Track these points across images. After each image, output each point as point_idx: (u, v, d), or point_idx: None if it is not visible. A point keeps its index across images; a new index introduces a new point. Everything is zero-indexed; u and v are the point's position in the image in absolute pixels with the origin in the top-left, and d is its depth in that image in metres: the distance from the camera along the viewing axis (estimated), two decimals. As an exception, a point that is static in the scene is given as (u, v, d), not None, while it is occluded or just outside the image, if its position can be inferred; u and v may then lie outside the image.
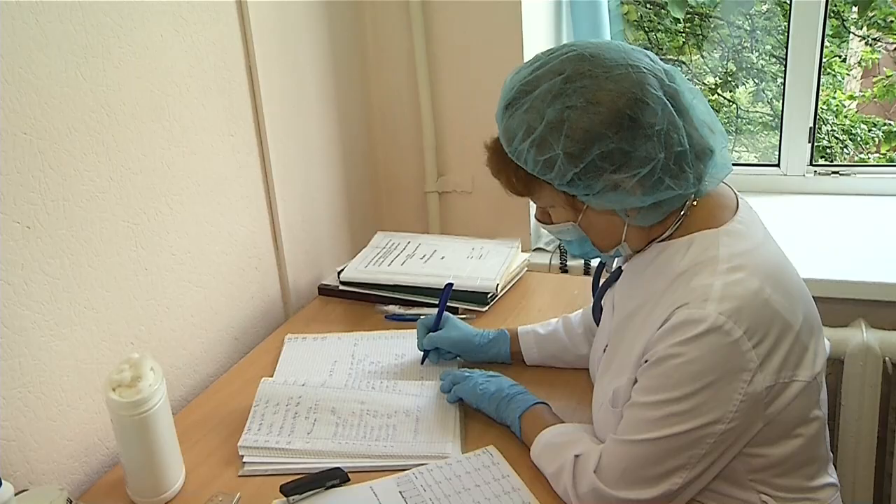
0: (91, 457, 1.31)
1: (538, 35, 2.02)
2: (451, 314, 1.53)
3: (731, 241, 1.08)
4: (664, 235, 1.12)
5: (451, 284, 1.54)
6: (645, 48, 1.11)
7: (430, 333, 1.48)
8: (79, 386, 1.27)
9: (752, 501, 1.10)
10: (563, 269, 2.02)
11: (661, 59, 1.10)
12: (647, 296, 1.12)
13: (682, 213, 1.11)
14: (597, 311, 1.31)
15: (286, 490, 1.16)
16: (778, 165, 2.19)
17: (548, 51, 1.10)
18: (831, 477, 1.16)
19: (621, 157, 1.02)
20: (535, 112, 1.04)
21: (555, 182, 1.07)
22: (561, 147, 1.03)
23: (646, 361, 1.06)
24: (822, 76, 2.12)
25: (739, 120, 2.98)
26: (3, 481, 0.99)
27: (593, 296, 1.33)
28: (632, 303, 1.16)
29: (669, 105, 1.04)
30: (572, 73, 1.04)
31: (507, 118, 1.08)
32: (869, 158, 2.93)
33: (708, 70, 2.92)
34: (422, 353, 1.50)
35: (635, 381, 1.08)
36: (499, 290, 1.72)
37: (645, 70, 1.04)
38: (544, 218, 1.18)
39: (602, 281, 1.31)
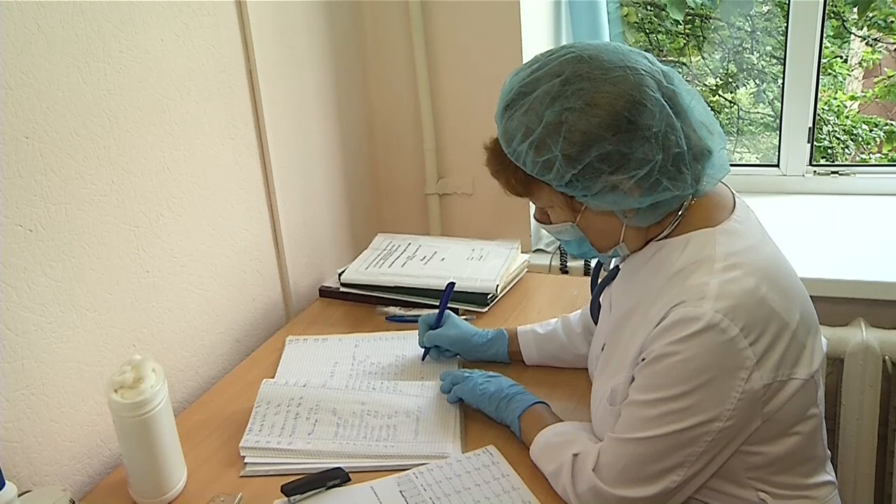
0: (93, 458, 1.32)
1: (537, 37, 2.03)
2: (452, 313, 1.54)
3: (728, 239, 1.09)
4: (662, 235, 1.13)
5: (452, 283, 1.55)
6: (645, 50, 1.12)
7: (430, 331, 1.50)
8: (81, 388, 1.28)
9: (750, 499, 1.10)
10: (564, 270, 2.02)
11: (660, 61, 1.11)
12: (644, 294, 1.12)
13: (679, 212, 1.11)
14: (595, 310, 1.32)
15: (287, 490, 1.16)
16: (777, 166, 2.19)
17: (546, 52, 1.10)
18: (829, 475, 1.17)
19: (619, 158, 1.03)
20: (533, 114, 1.05)
21: (553, 183, 1.07)
22: (559, 149, 1.03)
23: (643, 360, 1.07)
24: (822, 77, 2.13)
25: (740, 121, 2.98)
26: (6, 482, 1.00)
27: (592, 294, 1.33)
28: (629, 301, 1.16)
29: (667, 107, 1.05)
30: (570, 75, 1.04)
31: (506, 119, 1.09)
32: (870, 159, 2.93)
33: (709, 71, 2.92)
34: (423, 349, 1.52)
35: (633, 380, 1.09)
36: (499, 290, 1.72)
37: (643, 72, 1.05)
38: (543, 218, 1.18)
39: (600, 279, 1.32)
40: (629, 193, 1.06)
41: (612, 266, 1.28)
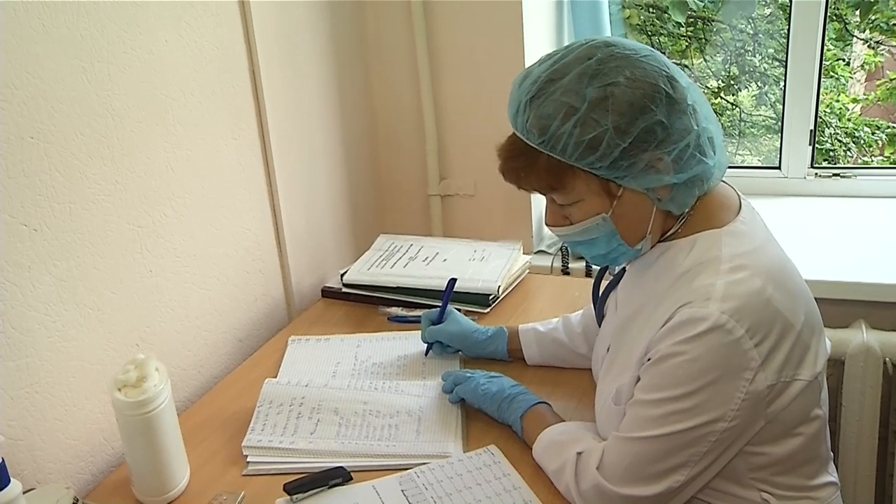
0: (97, 456, 1.32)
1: (540, 38, 2.03)
2: (454, 309, 1.55)
3: (734, 241, 1.09)
4: (669, 233, 1.13)
5: (454, 280, 1.56)
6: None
7: (431, 326, 1.51)
8: (85, 386, 1.29)
9: (753, 499, 1.10)
10: (565, 272, 2.03)
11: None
12: (650, 295, 1.13)
13: (687, 210, 1.12)
14: (599, 316, 1.32)
15: (289, 489, 1.17)
16: (779, 168, 2.19)
17: (564, 46, 1.11)
18: (832, 476, 1.17)
19: (662, 131, 1.04)
20: (573, 94, 1.04)
21: (596, 164, 1.05)
22: (610, 121, 1.03)
23: (648, 359, 1.07)
24: (824, 79, 2.13)
25: (742, 123, 2.98)
26: (11, 479, 1.00)
27: (593, 301, 1.33)
28: (634, 303, 1.17)
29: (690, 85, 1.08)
30: (604, 55, 1.05)
31: (535, 108, 1.06)
32: (872, 161, 2.93)
33: (710, 74, 2.92)
34: (425, 345, 1.54)
35: (638, 380, 1.09)
36: (500, 291, 1.73)
37: (660, 56, 1.08)
38: (560, 221, 1.15)
39: (604, 284, 1.32)
40: (665, 171, 1.06)
41: (616, 270, 1.28)
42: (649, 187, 1.08)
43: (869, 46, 3.02)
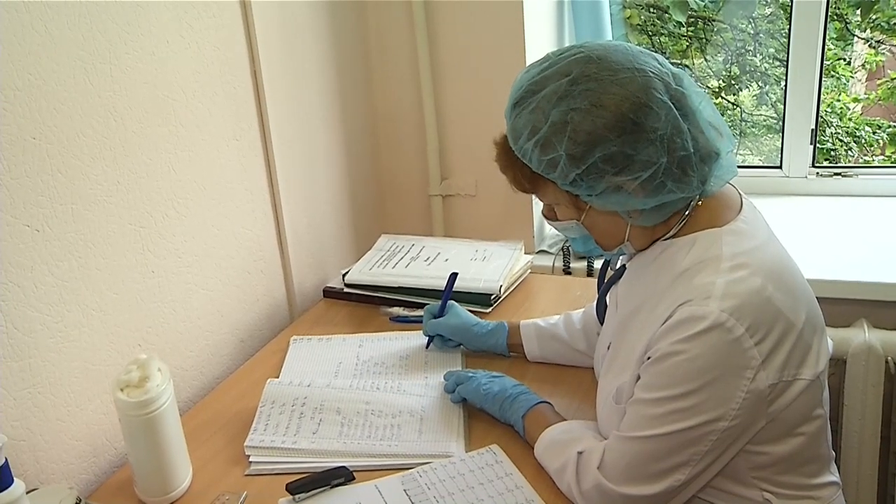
0: (99, 457, 1.32)
1: (541, 38, 2.03)
2: (455, 303, 1.56)
3: (734, 239, 1.09)
4: (668, 234, 1.13)
5: (455, 274, 1.58)
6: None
7: (433, 319, 1.53)
8: (87, 387, 1.29)
9: (755, 498, 1.10)
10: (567, 271, 2.03)
11: (670, 63, 1.11)
12: (650, 294, 1.13)
13: (686, 212, 1.12)
14: (601, 309, 1.32)
15: (292, 489, 1.17)
16: (780, 167, 2.20)
17: (558, 50, 1.11)
18: (833, 475, 1.17)
19: (623, 160, 1.03)
20: (540, 112, 1.06)
21: (558, 181, 1.08)
22: (564, 149, 1.04)
23: (648, 358, 1.07)
24: (825, 79, 2.13)
25: (743, 123, 2.98)
26: (14, 479, 1.00)
27: (598, 293, 1.34)
28: (635, 300, 1.17)
29: (674, 109, 1.04)
30: (578, 75, 1.05)
31: (514, 117, 1.10)
32: (873, 160, 2.93)
33: (711, 74, 2.92)
34: (427, 338, 1.56)
35: (638, 378, 1.09)
36: (502, 291, 1.73)
37: (651, 74, 1.05)
38: (550, 214, 1.19)
39: (607, 278, 1.32)
40: (633, 194, 1.06)
41: (618, 265, 1.28)
42: (615, 209, 1.09)
43: (870, 46, 3.03)
